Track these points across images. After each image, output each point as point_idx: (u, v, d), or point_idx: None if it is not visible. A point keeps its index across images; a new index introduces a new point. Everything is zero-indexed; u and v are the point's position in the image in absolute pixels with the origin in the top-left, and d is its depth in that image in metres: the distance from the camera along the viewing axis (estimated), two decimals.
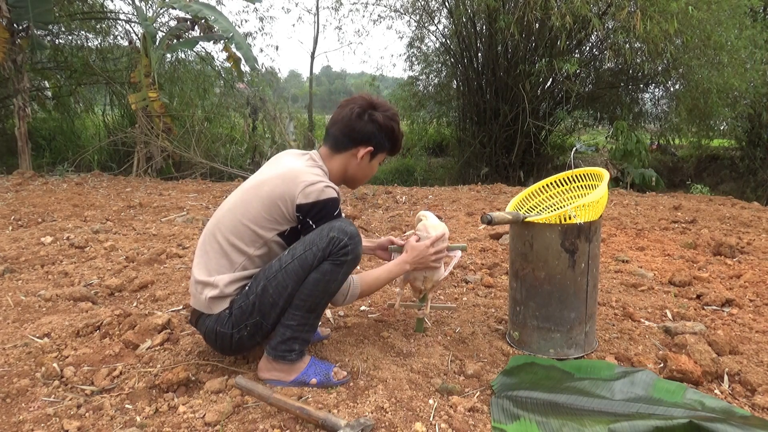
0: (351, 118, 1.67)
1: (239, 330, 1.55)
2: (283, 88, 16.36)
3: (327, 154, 1.72)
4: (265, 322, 1.55)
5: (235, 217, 1.59)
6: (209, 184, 7.00)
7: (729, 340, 1.89)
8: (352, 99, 1.73)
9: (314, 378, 1.59)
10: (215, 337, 1.58)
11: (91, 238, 3.46)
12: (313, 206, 1.54)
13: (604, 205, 1.89)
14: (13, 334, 1.94)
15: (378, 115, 1.68)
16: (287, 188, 1.54)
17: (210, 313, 1.58)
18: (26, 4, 6.70)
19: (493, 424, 1.42)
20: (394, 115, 1.73)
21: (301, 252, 1.52)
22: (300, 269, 1.51)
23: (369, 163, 1.74)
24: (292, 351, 1.57)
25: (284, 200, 1.54)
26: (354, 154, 1.70)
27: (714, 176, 10.59)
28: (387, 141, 1.73)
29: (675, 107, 9.38)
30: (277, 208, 1.55)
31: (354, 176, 1.75)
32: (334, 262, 1.51)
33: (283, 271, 1.52)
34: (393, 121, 1.72)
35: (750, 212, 4.90)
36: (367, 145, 1.69)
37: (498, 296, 2.47)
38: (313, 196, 1.53)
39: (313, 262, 1.51)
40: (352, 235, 1.52)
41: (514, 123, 8.65)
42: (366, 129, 1.67)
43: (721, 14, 7.51)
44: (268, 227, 1.57)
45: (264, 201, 1.56)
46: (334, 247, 1.50)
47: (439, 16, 9.99)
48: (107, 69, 9.04)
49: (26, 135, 7.38)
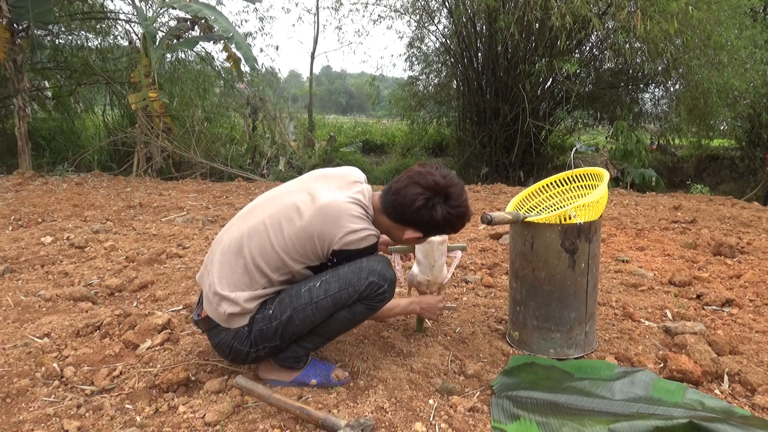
0: (410, 201, 1.51)
1: (257, 351, 1.53)
2: (283, 88, 16.38)
3: (378, 209, 1.59)
4: (283, 345, 1.55)
5: (267, 238, 1.49)
6: (209, 184, 7.00)
7: (729, 340, 1.89)
8: (424, 175, 1.52)
9: (314, 378, 1.59)
10: (229, 351, 1.54)
11: (91, 238, 3.46)
12: (350, 253, 1.49)
13: (604, 205, 1.89)
14: (13, 334, 1.94)
15: (441, 210, 1.52)
16: (327, 228, 1.46)
17: (227, 327, 1.52)
18: (26, 4, 6.70)
19: (493, 424, 1.42)
20: (462, 213, 1.56)
21: (336, 290, 1.47)
22: (332, 307, 1.49)
23: (412, 240, 1.65)
24: (299, 362, 1.60)
25: (321, 239, 1.47)
26: (401, 230, 1.59)
27: (714, 176, 10.60)
28: (441, 230, 1.60)
29: (675, 107, 9.38)
30: (312, 244, 1.48)
31: (394, 240, 1.71)
32: (368, 306, 1.52)
33: (313, 306, 1.48)
34: (457, 218, 1.56)
35: (750, 212, 4.89)
36: (418, 231, 1.58)
37: (498, 296, 2.47)
38: (352, 245, 1.48)
39: (347, 301, 1.49)
40: (391, 282, 1.52)
41: (514, 123, 8.66)
42: (423, 218, 1.53)
43: (721, 14, 7.52)
44: (297, 260, 1.50)
45: (299, 233, 1.47)
46: (372, 291, 1.49)
47: (439, 16, 10.02)
48: (107, 69, 9.04)
49: (26, 135, 7.39)
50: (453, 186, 1.53)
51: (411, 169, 1.58)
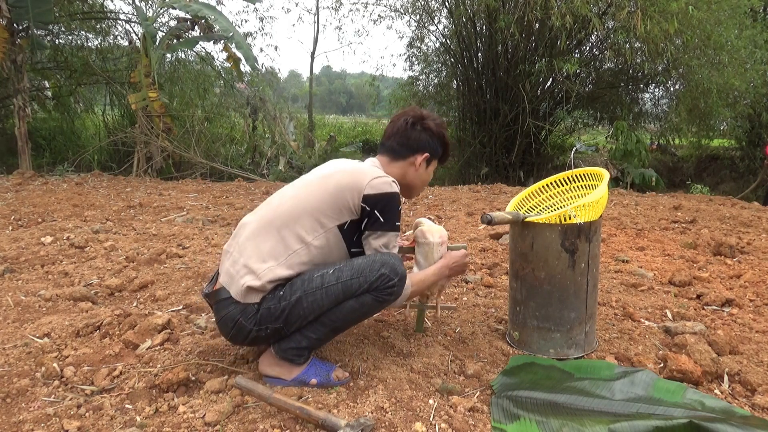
0: (406, 128, 1.76)
1: (260, 330, 1.54)
2: (283, 88, 16.38)
3: (386, 163, 1.78)
4: (286, 329, 1.55)
5: (298, 205, 1.60)
6: (209, 184, 7.00)
7: (729, 340, 1.89)
8: (404, 112, 1.82)
9: (314, 378, 1.59)
10: (233, 325, 1.54)
11: (91, 238, 3.46)
12: (380, 198, 1.58)
13: (604, 205, 1.89)
14: (13, 334, 1.94)
15: (430, 123, 1.78)
16: (355, 180, 1.59)
17: (239, 301, 1.53)
18: (26, 4, 6.70)
19: (493, 424, 1.42)
20: (443, 122, 1.83)
21: (348, 278, 1.52)
22: (342, 294, 1.51)
23: (426, 169, 1.81)
24: (300, 356, 1.59)
25: (351, 191, 1.58)
26: (412, 162, 1.77)
27: (714, 176, 10.60)
28: (439, 147, 1.81)
29: (675, 107, 9.38)
30: (343, 198, 1.58)
31: (412, 183, 1.81)
32: (376, 298, 1.53)
33: (323, 290, 1.51)
34: (443, 128, 1.82)
35: (750, 212, 4.89)
36: (423, 151, 1.77)
37: (498, 296, 2.47)
38: (381, 188, 1.58)
39: (357, 291, 1.51)
40: (402, 277, 1.56)
41: (514, 123, 8.66)
42: (421, 137, 1.76)
43: (721, 14, 7.52)
44: (330, 215, 1.58)
45: (330, 191, 1.59)
46: (382, 283, 1.52)
47: (439, 16, 10.01)
48: (107, 69, 9.04)
49: (26, 135, 7.39)
50: (425, 110, 1.84)
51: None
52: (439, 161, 1.86)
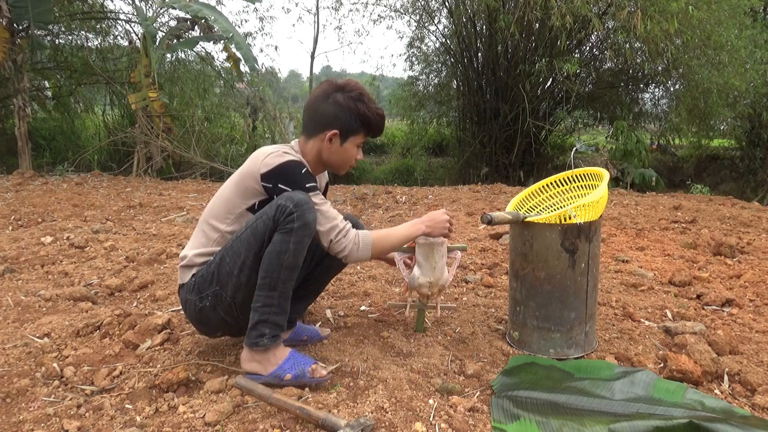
0: (314, 102, 1.70)
1: (201, 299, 1.61)
2: (283, 88, 16.38)
3: (303, 141, 1.75)
4: (224, 293, 1.58)
5: (216, 199, 1.70)
6: (209, 184, 7.00)
7: (729, 340, 1.89)
8: (321, 84, 1.74)
9: (289, 373, 1.56)
10: (185, 305, 1.67)
11: (91, 238, 3.46)
12: (275, 172, 1.58)
13: (604, 205, 1.89)
14: (13, 334, 1.94)
15: (339, 97, 1.67)
16: (252, 164, 1.63)
17: (183, 283, 1.67)
18: (26, 4, 6.70)
19: (493, 424, 1.42)
20: (359, 95, 1.68)
21: (254, 221, 1.56)
22: (252, 237, 1.54)
23: (341, 146, 1.71)
24: (262, 336, 1.54)
25: (250, 176, 1.62)
26: (322, 139, 1.70)
27: (714, 176, 10.59)
28: (355, 122, 1.68)
29: (675, 107, 9.37)
30: (246, 184, 1.63)
31: (329, 160, 1.74)
32: (281, 231, 1.51)
33: (237, 240, 1.57)
34: (359, 101, 1.67)
35: (750, 212, 4.89)
36: (332, 128, 1.68)
37: (498, 296, 2.47)
38: (272, 162, 1.58)
39: (264, 231, 1.52)
40: (299, 203, 1.50)
41: (514, 123, 8.65)
42: (328, 111, 1.67)
43: (721, 14, 7.51)
44: (238, 202, 1.64)
45: (235, 181, 1.66)
46: (281, 215, 1.50)
47: (439, 16, 10.00)
48: (107, 69, 9.03)
49: (26, 135, 7.39)
50: (347, 81, 1.72)
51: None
52: (367, 135, 1.73)
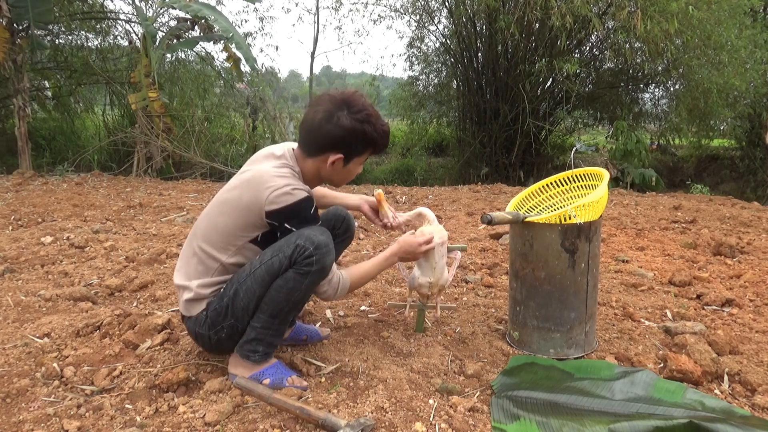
0: (315, 122, 1.54)
1: (216, 332, 1.56)
2: (283, 88, 16.34)
3: (300, 156, 1.62)
4: (239, 325, 1.56)
5: (209, 223, 1.59)
6: (209, 184, 7.00)
7: (729, 340, 1.89)
8: (321, 98, 1.58)
9: (268, 378, 1.57)
10: (196, 338, 1.63)
11: (91, 238, 3.46)
12: (282, 211, 1.49)
13: (604, 205, 1.89)
14: (13, 334, 1.94)
15: (345, 120, 1.52)
16: (254, 196, 1.50)
17: (189, 316, 1.59)
18: (26, 4, 6.70)
19: (493, 424, 1.42)
20: (367, 116, 1.55)
21: (269, 258, 1.50)
22: (266, 275, 1.49)
23: (344, 167, 1.62)
24: (255, 352, 1.57)
25: (252, 211, 1.51)
26: (324, 161, 1.58)
27: (714, 176, 10.59)
28: (361, 145, 1.58)
29: (675, 107, 9.37)
30: (248, 218, 1.53)
31: (329, 179, 1.67)
32: (297, 271, 1.48)
33: (251, 276, 1.51)
34: (366, 123, 1.55)
35: (750, 212, 4.89)
36: (336, 151, 1.56)
37: (498, 296, 2.47)
38: (280, 201, 1.48)
39: (279, 269, 1.48)
40: (319, 245, 1.46)
41: (514, 123, 8.65)
42: (333, 134, 1.53)
43: (721, 14, 7.51)
44: (238, 235, 1.55)
45: (234, 209, 1.54)
46: (299, 255, 1.46)
47: (439, 16, 10.00)
48: (107, 69, 9.03)
49: (26, 135, 7.38)
50: (350, 96, 1.56)
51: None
52: (372, 154, 1.66)
